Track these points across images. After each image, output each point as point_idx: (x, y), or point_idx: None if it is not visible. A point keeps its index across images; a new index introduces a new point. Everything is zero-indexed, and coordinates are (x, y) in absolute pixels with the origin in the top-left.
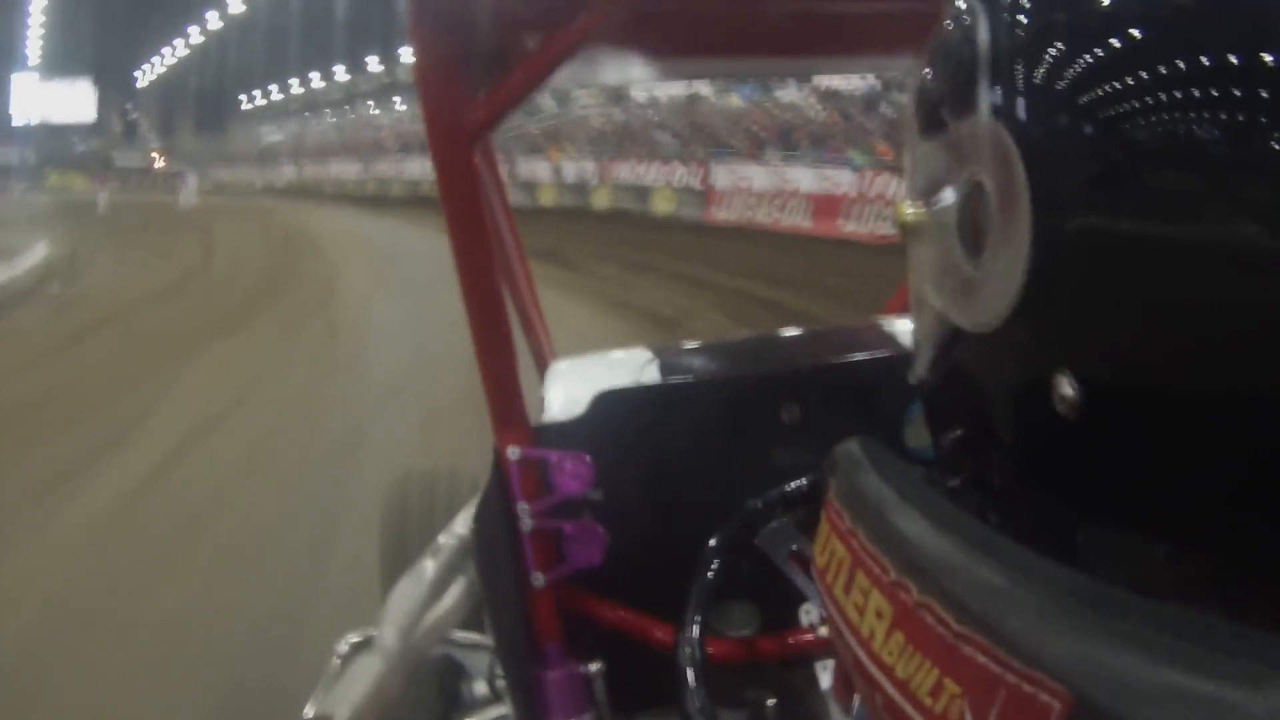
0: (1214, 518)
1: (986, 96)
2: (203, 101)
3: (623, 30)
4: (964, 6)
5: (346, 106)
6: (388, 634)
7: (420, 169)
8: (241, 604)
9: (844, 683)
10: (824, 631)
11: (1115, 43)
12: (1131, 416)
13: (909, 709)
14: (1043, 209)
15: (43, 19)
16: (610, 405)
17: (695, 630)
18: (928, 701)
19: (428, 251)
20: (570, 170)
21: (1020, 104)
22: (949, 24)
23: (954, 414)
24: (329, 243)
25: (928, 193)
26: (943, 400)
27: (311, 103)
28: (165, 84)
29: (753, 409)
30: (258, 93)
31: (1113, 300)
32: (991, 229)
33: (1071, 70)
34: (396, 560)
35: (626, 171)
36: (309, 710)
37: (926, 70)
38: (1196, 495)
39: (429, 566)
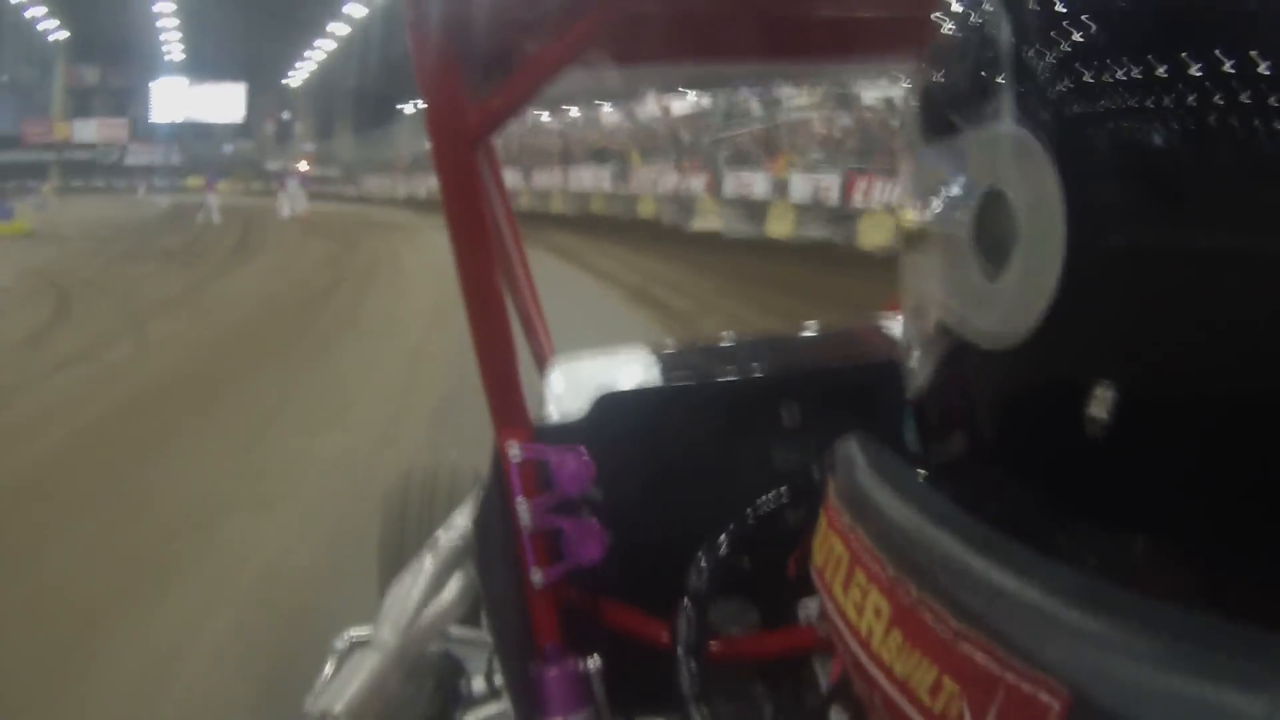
0: (1228, 520)
1: (1009, 100)
2: (361, 104)
3: (625, 33)
4: (980, 3)
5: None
6: (386, 630)
7: (591, 179)
8: None
9: (843, 680)
10: (823, 630)
11: (1156, 39)
12: (1166, 432)
13: (907, 707)
14: (1078, 219)
15: (175, 21)
16: (610, 405)
17: (694, 628)
18: (926, 700)
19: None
20: (806, 187)
21: (1051, 109)
22: (960, 21)
23: (954, 427)
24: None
25: (933, 200)
26: (941, 413)
27: None
28: (319, 85)
29: (753, 409)
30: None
31: (1154, 314)
32: (1016, 240)
33: (1109, 71)
34: (395, 557)
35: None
36: (308, 706)
37: (934, 70)
38: (1218, 507)
39: (428, 563)
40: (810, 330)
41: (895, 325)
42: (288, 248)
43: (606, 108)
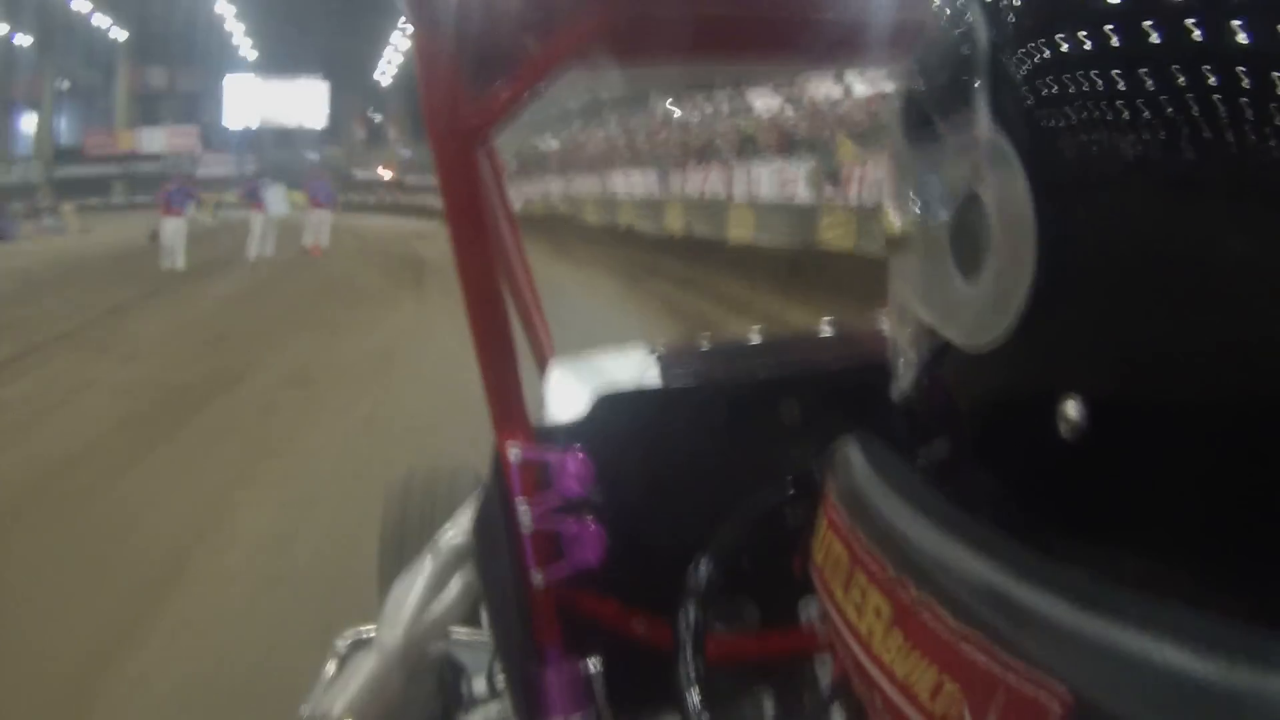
0: (1215, 526)
1: (986, 103)
2: None
3: (626, 32)
4: (960, 6)
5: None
6: (387, 632)
7: (764, 180)
8: None
9: (843, 681)
10: (823, 630)
11: (1128, 45)
12: (1140, 436)
13: (908, 708)
14: (1049, 224)
15: (248, 11)
16: (611, 405)
17: (694, 628)
18: (926, 701)
19: None
20: None
21: (1025, 114)
22: (943, 25)
23: (937, 431)
24: None
25: (916, 203)
26: (926, 419)
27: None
28: (414, 82)
29: (753, 409)
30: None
31: (1124, 324)
32: (991, 243)
33: (1081, 76)
34: (396, 558)
35: None
36: (307, 708)
37: (916, 72)
38: (1202, 510)
39: (428, 564)
40: (810, 330)
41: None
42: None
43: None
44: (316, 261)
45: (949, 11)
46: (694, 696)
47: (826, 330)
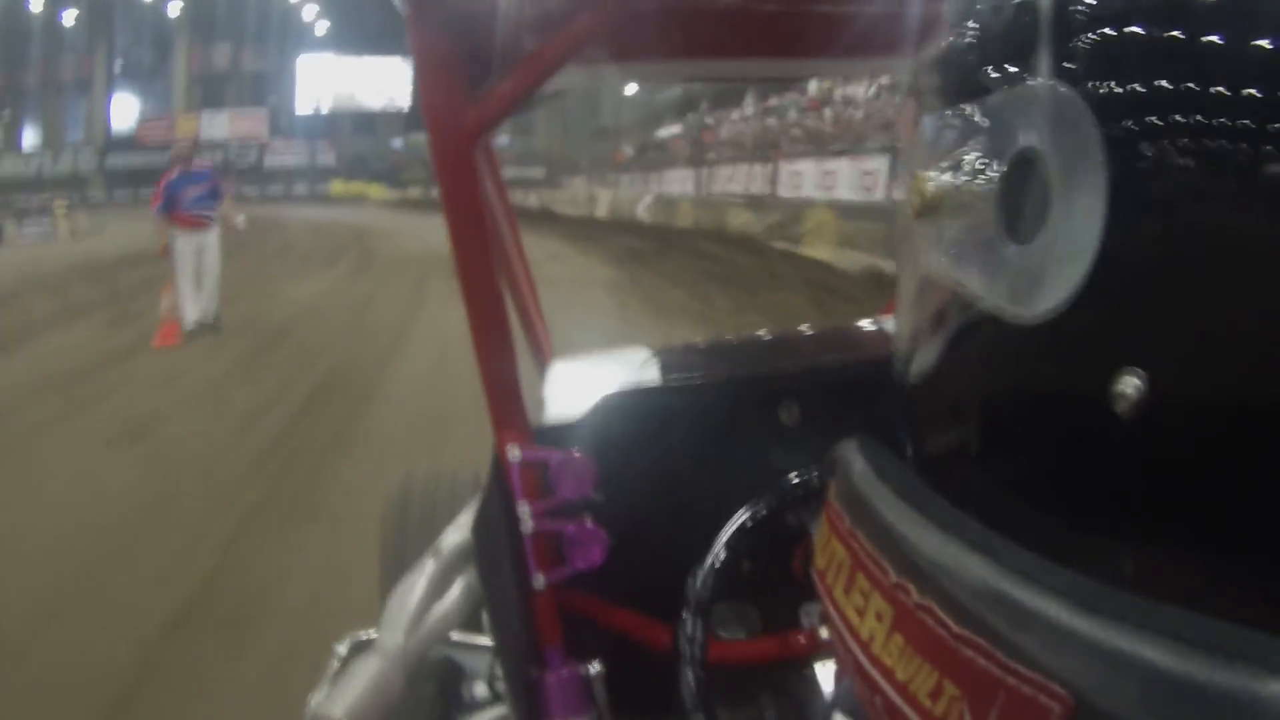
0: (1235, 522)
1: (1052, 57)
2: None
3: (625, 31)
4: None
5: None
6: (388, 635)
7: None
8: None
9: (844, 684)
10: (824, 633)
11: (1214, 8)
12: (1196, 420)
13: (909, 711)
14: (1123, 183)
15: None
16: (611, 406)
17: (695, 632)
18: (927, 704)
19: None
20: None
21: (1093, 64)
22: None
23: (949, 418)
24: None
25: (954, 164)
26: (942, 397)
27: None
28: None
29: (753, 409)
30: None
31: (1197, 300)
32: (1051, 203)
33: (1170, 33)
34: (397, 561)
35: None
36: (310, 709)
37: (964, 30)
38: (1238, 509)
39: (429, 567)
40: (811, 330)
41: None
42: None
43: None
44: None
45: None
46: (694, 699)
47: (826, 330)
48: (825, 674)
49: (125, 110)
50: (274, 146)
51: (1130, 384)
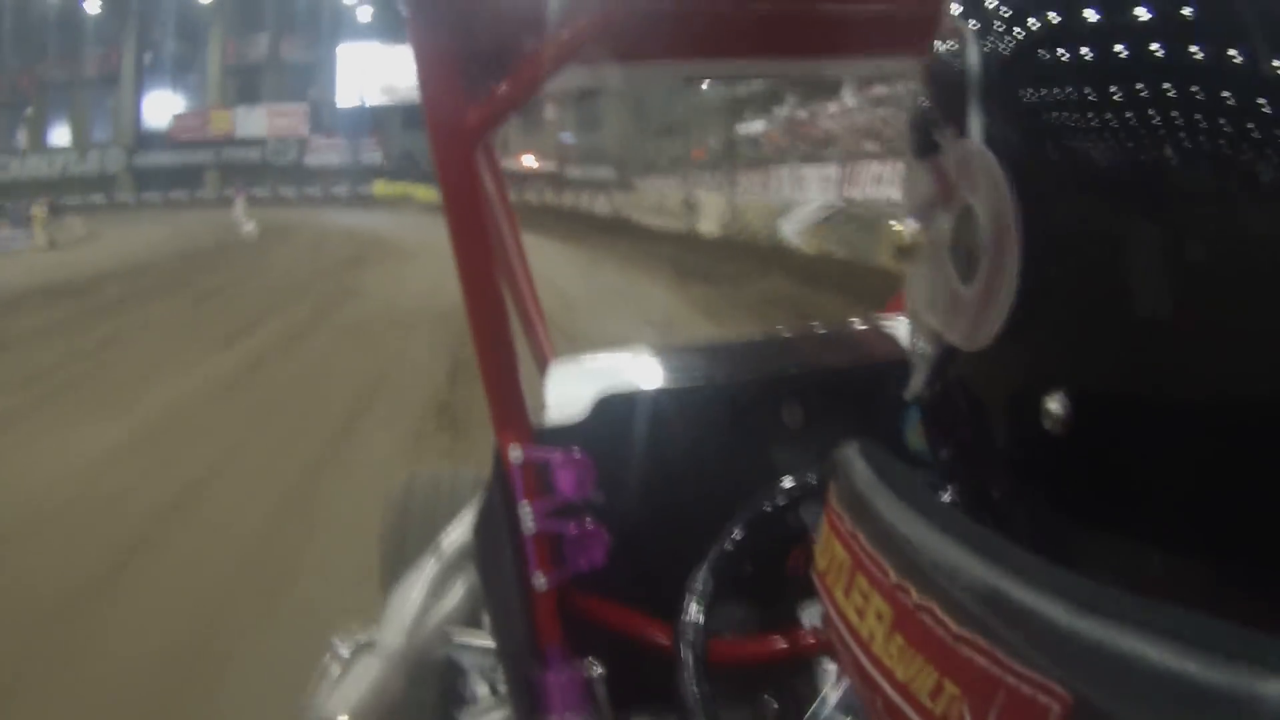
0: (1206, 526)
1: (976, 120)
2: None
3: (625, 32)
4: (953, 29)
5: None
6: (389, 635)
7: None
8: None
9: (844, 684)
10: (824, 633)
11: (1100, 65)
12: (1119, 434)
13: (909, 711)
14: (1031, 233)
15: None
16: (611, 406)
17: (696, 632)
18: (927, 704)
19: None
20: None
21: (1007, 128)
22: (940, 46)
23: (950, 428)
24: None
25: (923, 214)
26: (938, 415)
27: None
28: None
29: (754, 410)
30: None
31: (1101, 322)
32: (983, 252)
33: (1057, 94)
34: (398, 561)
35: None
36: (310, 711)
37: (920, 91)
38: (1185, 505)
39: (431, 567)
40: (811, 330)
41: (896, 325)
42: None
43: None
44: None
45: (946, 33)
46: (695, 699)
47: (828, 331)
48: (825, 674)
49: (156, 106)
50: (314, 144)
51: (1055, 404)
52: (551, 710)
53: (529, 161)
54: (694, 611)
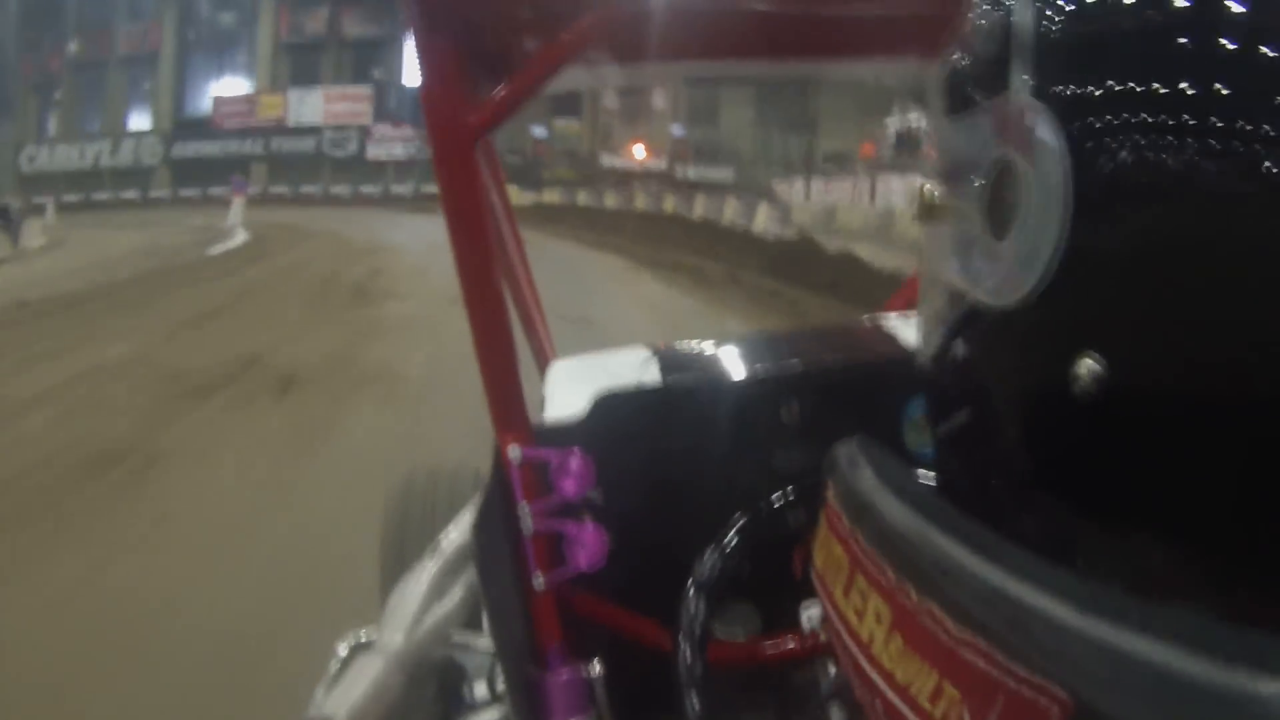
0: (1224, 518)
1: (1028, 75)
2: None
3: (625, 33)
4: None
5: None
6: (388, 635)
7: None
8: None
9: (843, 685)
10: (824, 634)
11: (1165, 22)
12: (1153, 406)
13: (908, 713)
14: (1081, 188)
15: None
16: (611, 405)
17: (695, 632)
18: (927, 706)
19: None
20: None
21: (1062, 82)
22: (987, 4)
23: (960, 400)
24: None
25: (953, 173)
26: (949, 386)
27: None
28: None
29: (753, 409)
30: None
31: (1147, 284)
32: (1025, 207)
33: (1125, 51)
34: (397, 561)
35: None
36: (309, 711)
37: (961, 48)
38: (1207, 494)
39: (430, 567)
40: (811, 330)
41: (896, 324)
42: None
43: None
44: None
45: None
46: (694, 700)
47: (828, 330)
48: (824, 674)
49: (199, 89)
50: (378, 133)
51: (1087, 367)
52: (551, 711)
53: (637, 153)
54: (694, 611)
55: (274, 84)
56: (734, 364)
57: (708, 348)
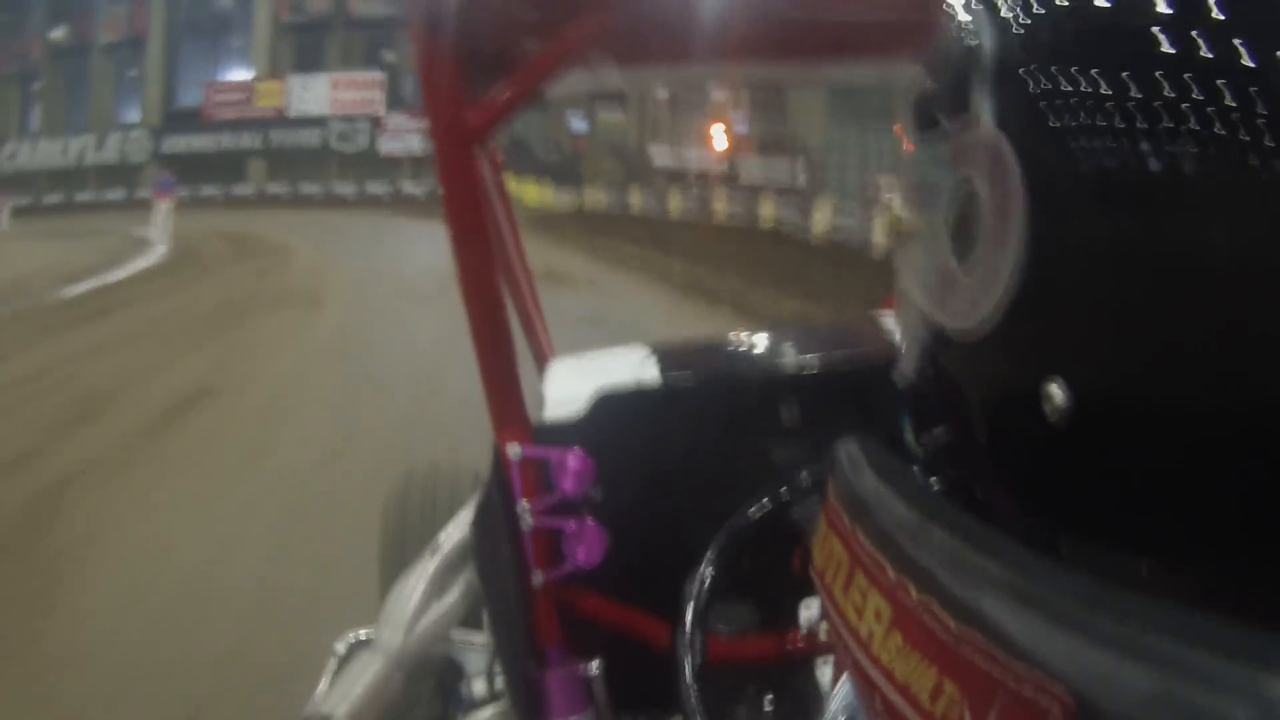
0: (1207, 524)
1: (986, 101)
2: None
3: (624, 34)
4: (966, 7)
5: None
6: (387, 633)
7: None
8: None
9: (843, 683)
10: (824, 632)
11: (1120, 49)
12: (1118, 423)
13: (908, 711)
14: (1037, 215)
15: None
16: (610, 404)
17: (695, 630)
18: (927, 703)
19: None
20: None
21: (1019, 110)
22: (949, 26)
23: (936, 418)
24: None
25: (921, 194)
26: (925, 404)
27: None
28: None
29: (752, 407)
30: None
31: (1109, 308)
32: (982, 229)
33: (1072, 76)
34: (396, 558)
35: None
36: (309, 709)
37: (925, 70)
38: (1183, 506)
39: (429, 565)
40: (809, 328)
41: (894, 322)
42: None
43: None
44: None
45: (955, 18)
46: (694, 698)
47: (826, 327)
48: (825, 673)
49: (190, 77)
50: (391, 124)
51: (1055, 391)
52: (550, 708)
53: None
54: (693, 609)
55: (274, 69)
56: (733, 362)
57: (708, 347)
